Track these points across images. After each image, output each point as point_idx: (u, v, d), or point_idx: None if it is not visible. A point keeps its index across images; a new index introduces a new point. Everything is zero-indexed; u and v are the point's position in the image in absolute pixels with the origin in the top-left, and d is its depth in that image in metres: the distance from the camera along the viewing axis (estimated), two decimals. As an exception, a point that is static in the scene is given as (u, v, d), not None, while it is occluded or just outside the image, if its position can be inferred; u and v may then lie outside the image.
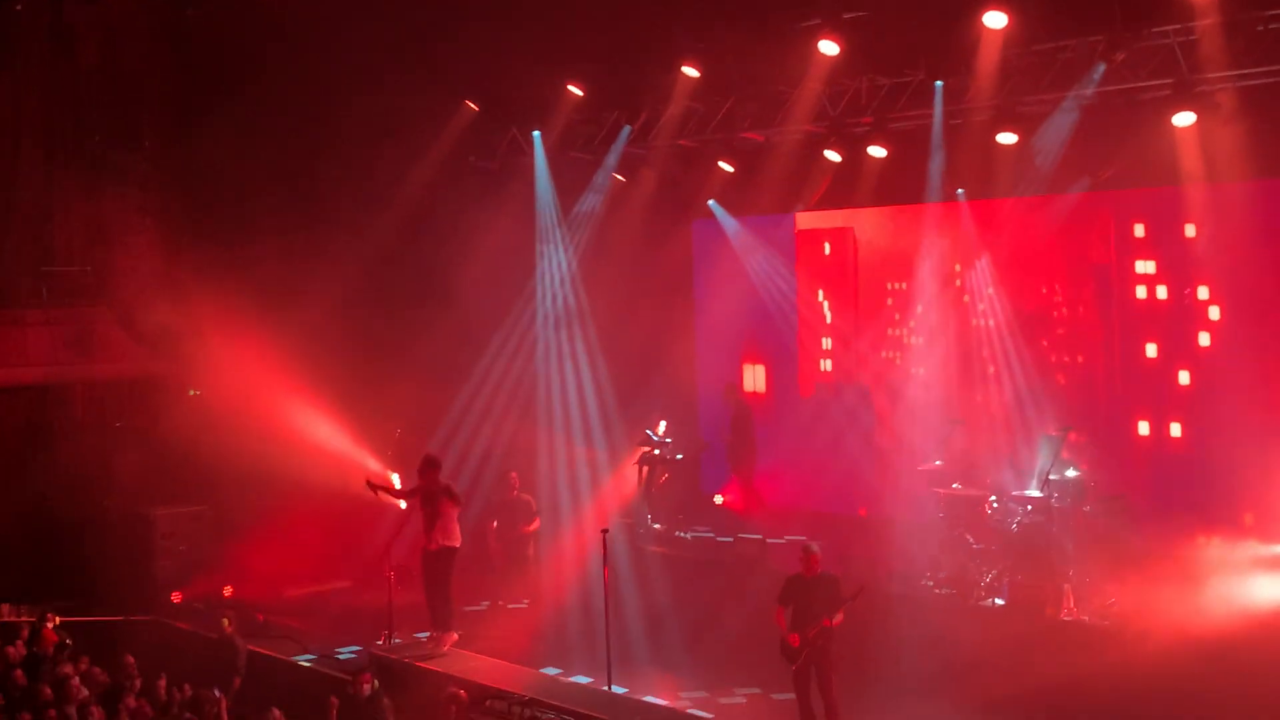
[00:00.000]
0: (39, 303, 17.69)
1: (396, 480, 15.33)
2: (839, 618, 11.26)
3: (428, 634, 13.84)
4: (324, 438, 16.70)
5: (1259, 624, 11.68)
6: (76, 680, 11.62)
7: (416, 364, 17.04)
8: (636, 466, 16.96)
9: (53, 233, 17.96)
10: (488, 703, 12.33)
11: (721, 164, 16.83)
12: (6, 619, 14.71)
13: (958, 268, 16.30)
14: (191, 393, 17.03)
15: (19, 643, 13.02)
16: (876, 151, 14.96)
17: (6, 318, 17.58)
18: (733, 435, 16.93)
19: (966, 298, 16.22)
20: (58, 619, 13.82)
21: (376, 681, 11.90)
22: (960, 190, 15.64)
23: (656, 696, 13.07)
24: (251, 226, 17.34)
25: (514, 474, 16.35)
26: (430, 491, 13.63)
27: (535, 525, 15.99)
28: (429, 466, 13.73)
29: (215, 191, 17.85)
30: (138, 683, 11.91)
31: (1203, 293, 14.39)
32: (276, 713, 10.33)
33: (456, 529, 13.66)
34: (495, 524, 16.18)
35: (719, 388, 18.32)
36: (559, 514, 16.99)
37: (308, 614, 15.90)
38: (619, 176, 17.76)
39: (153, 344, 17.23)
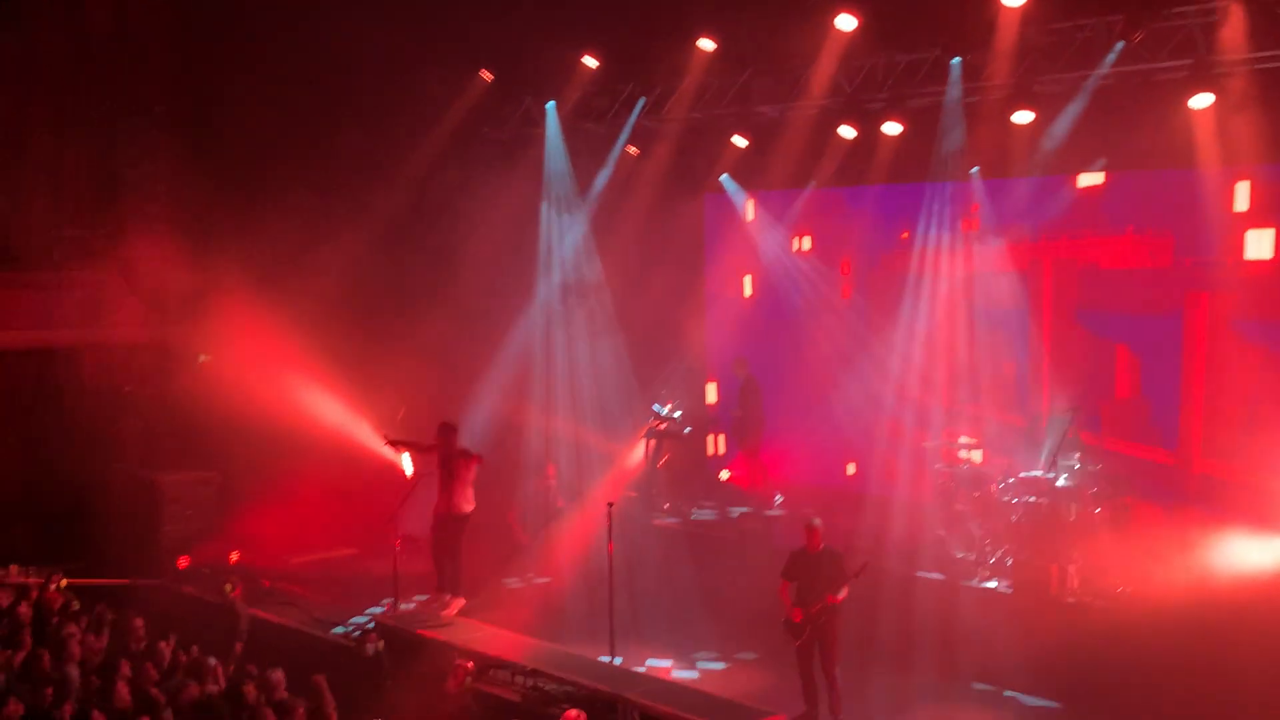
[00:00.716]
0: (50, 265, 17.69)
1: (407, 460, 15.35)
2: (842, 594, 11.29)
3: (428, 596, 13.90)
4: (331, 408, 16.72)
5: (1264, 602, 11.67)
6: (77, 640, 11.67)
7: (426, 334, 17.03)
8: (644, 441, 16.96)
9: (64, 197, 17.94)
10: (491, 672, 12.38)
11: (735, 138, 16.76)
12: (15, 579, 14.78)
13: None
14: (201, 359, 17.04)
15: (25, 603, 13.09)
16: (892, 128, 14.88)
17: (17, 280, 17.61)
18: (739, 410, 16.90)
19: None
20: (64, 580, 13.88)
21: (381, 643, 11.97)
22: (974, 169, 15.57)
23: (657, 668, 13.13)
24: (263, 194, 17.28)
25: (551, 466, 16.19)
26: (447, 455, 13.69)
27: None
28: (447, 431, 13.79)
29: (227, 158, 17.80)
30: (143, 645, 11.97)
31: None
32: (279, 674, 10.36)
33: (471, 494, 13.74)
34: (518, 513, 16.11)
35: (728, 362, 18.32)
36: (566, 488, 17.00)
37: (314, 581, 15.97)
38: (632, 149, 17.69)
39: (163, 309, 17.24)
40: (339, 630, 14.02)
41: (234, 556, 16.35)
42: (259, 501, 16.42)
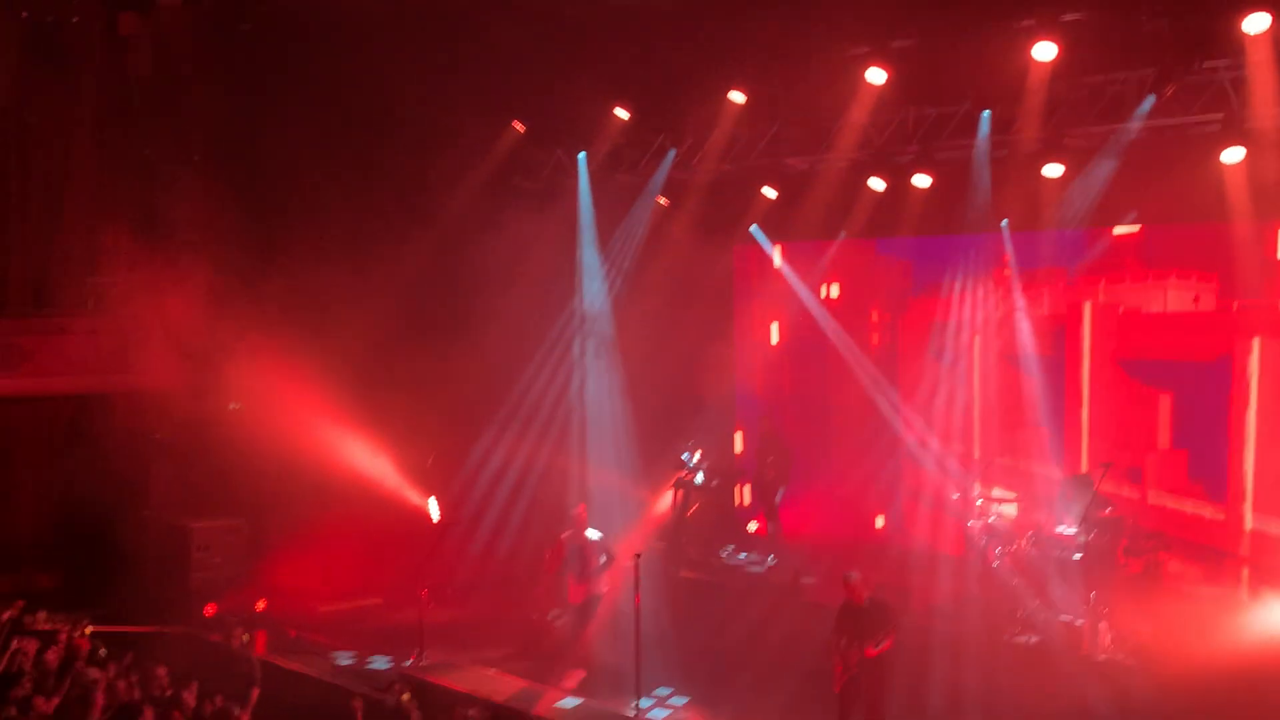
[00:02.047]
0: (84, 312, 17.88)
1: (434, 505, 15.30)
2: (883, 646, 11.27)
3: None
4: (360, 457, 16.76)
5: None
6: (102, 687, 11.67)
7: (454, 385, 17.07)
8: (671, 492, 16.89)
9: (101, 242, 18.15)
10: (514, 724, 12.31)
11: (765, 189, 16.79)
12: (43, 626, 14.80)
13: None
14: (232, 406, 17.12)
15: (53, 650, 13.11)
16: (921, 180, 14.87)
17: (52, 325, 17.79)
18: (759, 465, 16.74)
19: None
20: (90, 627, 13.91)
21: (408, 694, 11.95)
22: (1004, 221, 15.52)
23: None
24: (297, 241, 17.43)
25: (582, 506, 15.71)
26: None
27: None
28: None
29: (262, 205, 17.97)
30: (168, 693, 11.95)
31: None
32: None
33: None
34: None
35: (756, 413, 18.29)
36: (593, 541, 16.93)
37: (339, 630, 15.92)
38: (662, 200, 17.74)
39: (195, 356, 17.34)
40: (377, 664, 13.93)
41: (260, 605, 16.35)
42: (287, 549, 16.44)
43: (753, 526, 17.22)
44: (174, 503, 16.97)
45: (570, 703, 12.81)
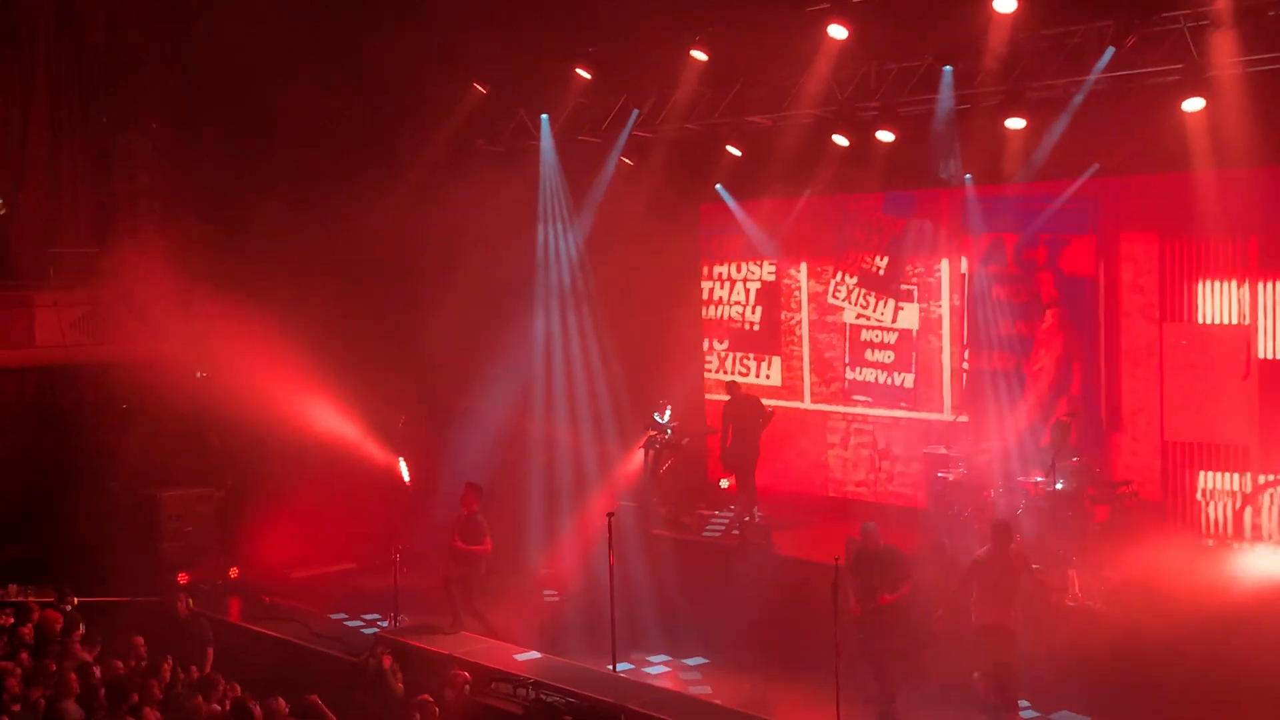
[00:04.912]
0: (47, 284, 17.75)
1: (404, 466, 15.29)
2: (899, 593, 11.80)
3: None
4: (329, 421, 16.75)
5: (1264, 606, 11.69)
6: (79, 658, 11.69)
7: (421, 348, 17.08)
8: (642, 451, 16.98)
9: (60, 214, 18.00)
10: (493, 685, 12.39)
11: (729, 148, 16.81)
12: (15, 599, 14.77)
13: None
14: (198, 375, 17.06)
15: (30, 625, 13.10)
16: (885, 136, 14.94)
17: (14, 299, 17.66)
18: (725, 433, 16.79)
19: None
20: (75, 599, 13.92)
21: (389, 657, 12.04)
22: (968, 176, 15.62)
23: (660, 678, 13.16)
24: (258, 209, 17.32)
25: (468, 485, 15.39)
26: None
27: (486, 546, 14.14)
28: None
29: (222, 173, 17.85)
30: (144, 663, 11.96)
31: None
32: (281, 702, 10.34)
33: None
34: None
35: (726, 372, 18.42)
36: (565, 499, 17.01)
37: (314, 596, 15.97)
38: (626, 160, 17.73)
39: (159, 326, 17.25)
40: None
41: (234, 572, 16.38)
42: (259, 516, 16.44)
43: (724, 484, 17.32)
44: (143, 473, 16.89)
45: (547, 660, 12.91)
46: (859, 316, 17.37)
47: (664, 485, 16.96)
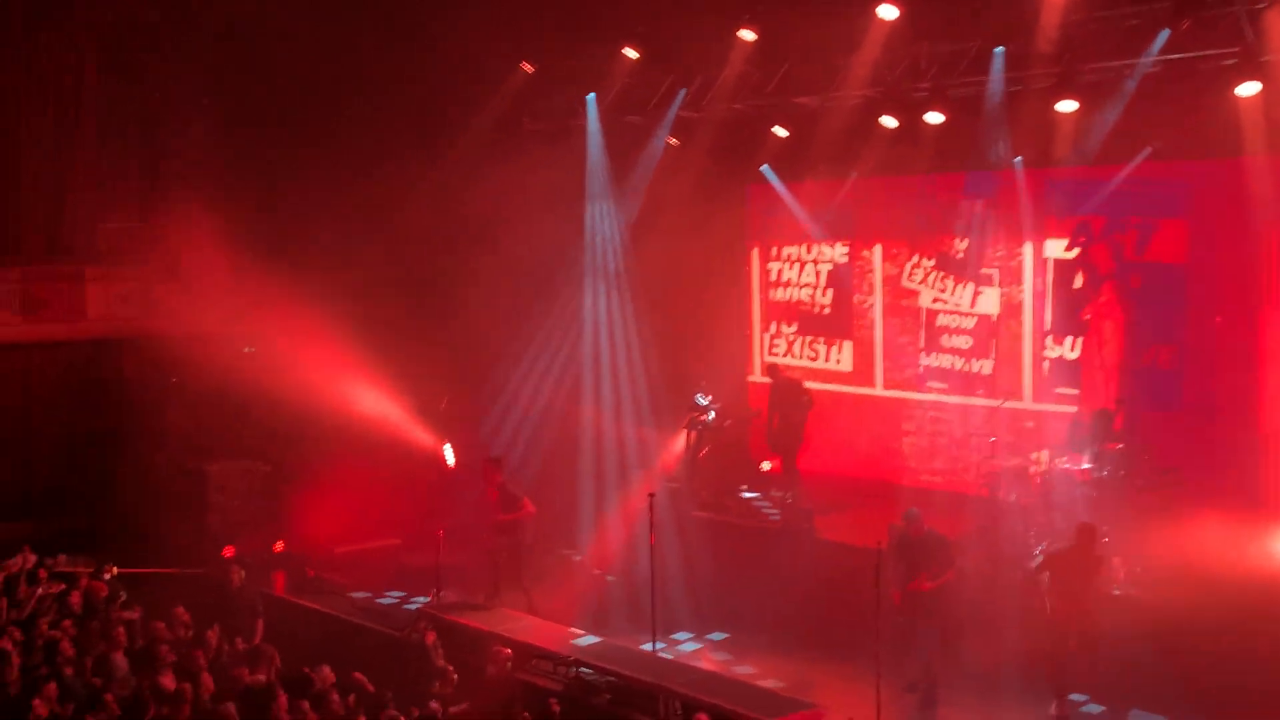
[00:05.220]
0: (97, 259, 17.93)
1: (448, 450, 15.34)
2: (941, 579, 11.77)
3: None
4: (374, 399, 16.84)
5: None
6: (123, 630, 11.85)
7: (464, 327, 17.13)
8: (684, 433, 16.97)
9: (111, 190, 18.16)
10: (533, 662, 12.45)
11: (776, 129, 16.71)
12: (63, 569, 14.97)
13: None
14: (246, 350, 17.19)
15: (77, 593, 13.29)
16: (934, 118, 14.80)
17: (64, 273, 17.87)
18: (769, 416, 16.74)
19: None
20: (115, 570, 14.08)
21: (433, 632, 12.13)
22: (1018, 159, 15.45)
23: (699, 658, 13.17)
24: (305, 185, 17.43)
25: (486, 461, 15.00)
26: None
27: (528, 508, 14.36)
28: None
29: (270, 149, 17.96)
30: (190, 634, 12.11)
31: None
32: (327, 670, 10.45)
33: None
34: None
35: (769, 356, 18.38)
36: (607, 480, 17.03)
37: (357, 571, 16.09)
38: (673, 140, 17.67)
39: (207, 301, 17.39)
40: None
41: (279, 546, 16.51)
42: (305, 491, 16.57)
43: (766, 466, 17.28)
44: (190, 446, 17.08)
45: (589, 640, 12.95)
46: (936, 300, 16.99)
47: (706, 467, 16.95)
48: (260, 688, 10.55)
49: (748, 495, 16.82)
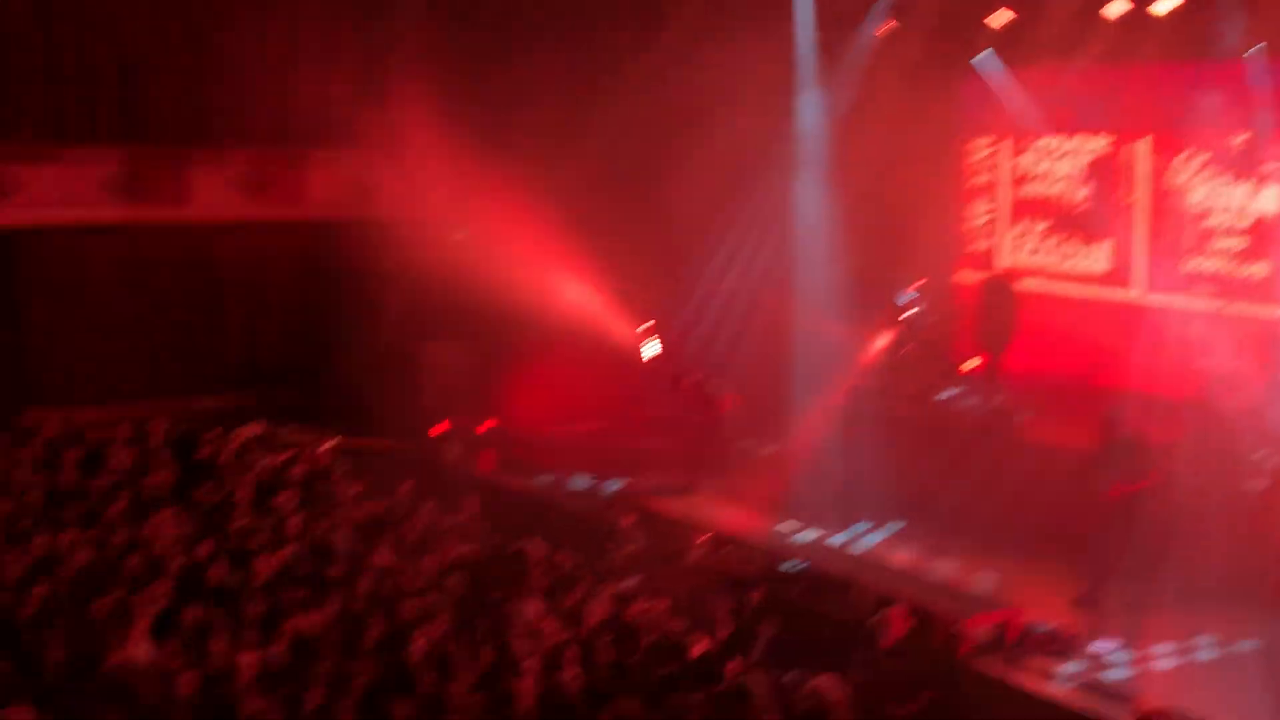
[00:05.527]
0: (318, 144, 18.57)
1: (650, 342, 15.43)
2: (1139, 485, 11.49)
3: None
4: (581, 285, 17.10)
5: None
6: (343, 502, 12.51)
7: (670, 216, 17.17)
8: (888, 329, 16.73)
9: (331, 75, 18.70)
10: (728, 549, 12.63)
11: (998, 13, 16.00)
12: (289, 439, 15.83)
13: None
14: (459, 235, 17.63)
15: (302, 465, 14.07)
16: (1163, 5, 13.95)
17: (287, 158, 18.59)
18: (977, 314, 16.29)
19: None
20: (334, 441, 14.83)
21: (633, 514, 12.44)
22: (1260, 45, 14.41)
23: (893, 554, 13.14)
24: (524, 70, 17.58)
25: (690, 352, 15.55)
26: None
27: (728, 403, 14.73)
28: None
29: (490, 37, 18.18)
30: (406, 508, 12.73)
31: None
32: (536, 543, 10.84)
33: None
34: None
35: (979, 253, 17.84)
36: (809, 374, 16.95)
37: (562, 453, 16.51)
38: (888, 26, 17.13)
39: (422, 187, 17.85)
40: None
41: (488, 425, 17.06)
42: (512, 374, 17.03)
43: (971, 365, 16.91)
44: (405, 327, 17.71)
45: (785, 530, 13.07)
46: (1206, 198, 15.73)
47: (908, 365, 16.70)
48: (472, 560, 11.04)
49: (950, 394, 16.54)
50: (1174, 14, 14.01)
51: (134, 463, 13.78)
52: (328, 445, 15.18)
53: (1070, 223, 17.18)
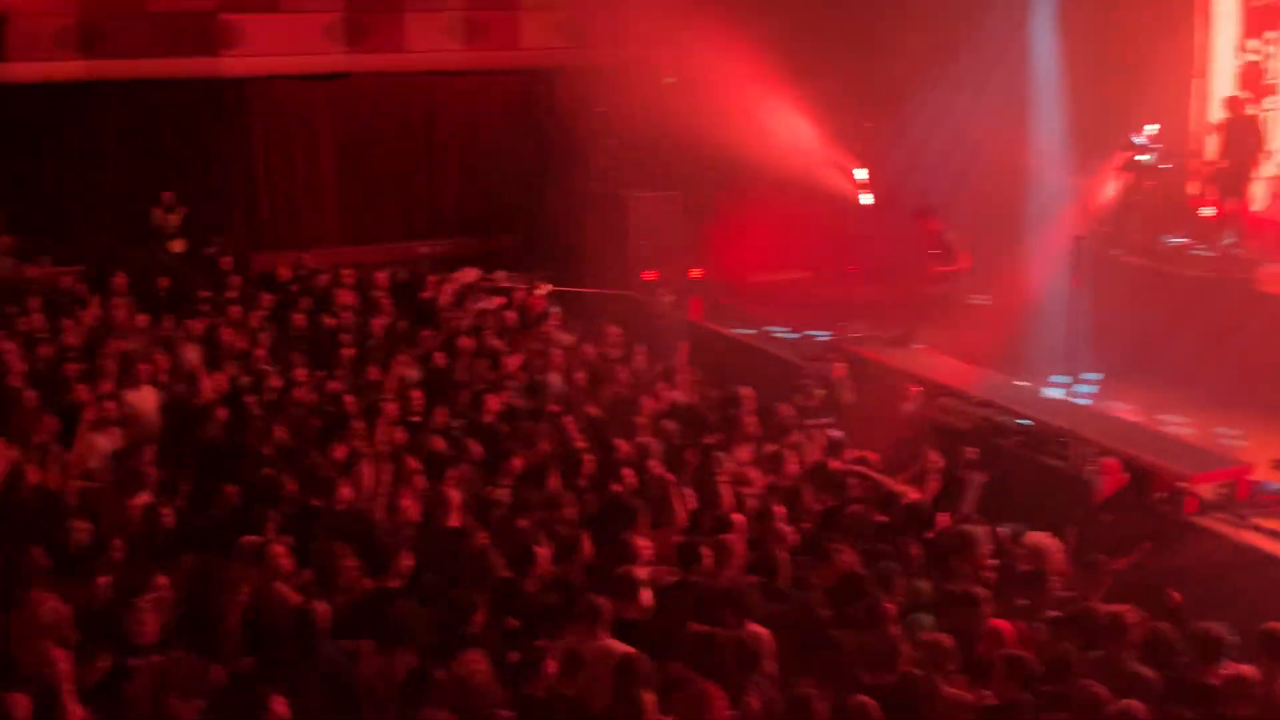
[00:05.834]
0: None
1: (866, 192, 14.99)
2: None
3: None
4: (793, 133, 16.74)
5: None
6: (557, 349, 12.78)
7: (894, 61, 16.56)
8: (1118, 173, 15.91)
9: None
10: (941, 399, 12.42)
11: None
12: (503, 284, 16.20)
13: None
14: (667, 80, 17.44)
15: (514, 309, 14.41)
16: None
17: (501, 2, 18.65)
18: (1218, 156, 15.27)
19: None
20: (548, 286, 15.10)
21: (845, 363, 12.37)
22: None
23: (1116, 407, 12.70)
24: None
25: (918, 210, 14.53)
26: None
27: (963, 262, 13.98)
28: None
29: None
30: (618, 351, 12.93)
31: None
32: (748, 391, 10.94)
33: None
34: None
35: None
36: (1034, 219, 16.32)
37: (770, 301, 16.44)
38: None
39: (633, 31, 17.65)
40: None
41: (695, 273, 17.07)
42: (721, 221, 16.93)
43: (1207, 211, 15.99)
44: (615, 174, 17.73)
45: (1001, 381, 12.77)
46: None
47: (1140, 210, 15.89)
48: (683, 407, 11.18)
49: (1182, 241, 15.71)
50: None
51: (359, 307, 14.32)
52: (541, 290, 15.46)
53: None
